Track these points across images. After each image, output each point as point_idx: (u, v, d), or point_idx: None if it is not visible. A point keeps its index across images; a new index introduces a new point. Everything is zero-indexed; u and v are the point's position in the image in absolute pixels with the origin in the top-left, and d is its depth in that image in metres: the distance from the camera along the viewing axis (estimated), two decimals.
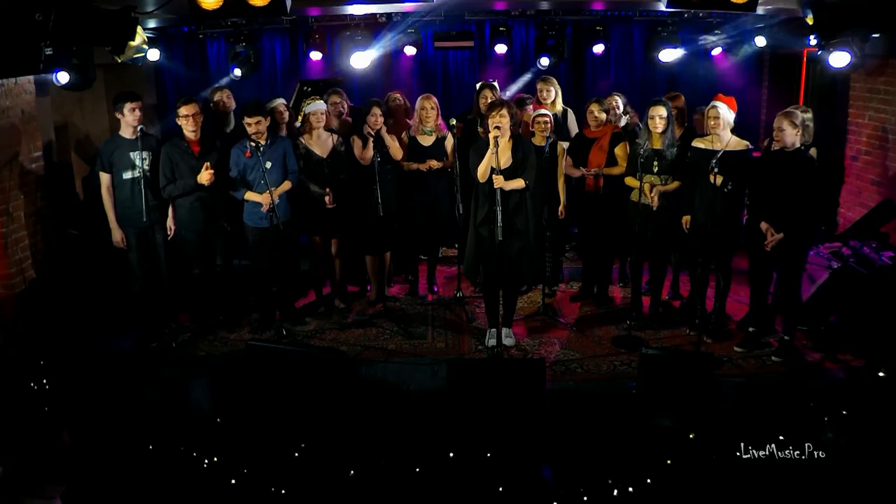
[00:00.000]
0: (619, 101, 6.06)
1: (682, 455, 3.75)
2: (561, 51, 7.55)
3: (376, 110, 5.60)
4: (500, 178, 4.72)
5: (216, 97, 6.08)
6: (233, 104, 6.20)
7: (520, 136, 5.06)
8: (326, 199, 5.55)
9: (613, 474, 3.62)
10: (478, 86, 6.34)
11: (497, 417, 4.06)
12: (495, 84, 6.25)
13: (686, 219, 5.20)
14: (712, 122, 4.98)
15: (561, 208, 5.79)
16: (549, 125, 5.63)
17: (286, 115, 5.88)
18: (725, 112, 4.97)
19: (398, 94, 6.40)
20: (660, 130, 5.17)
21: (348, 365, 4.95)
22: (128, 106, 5.11)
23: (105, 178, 5.17)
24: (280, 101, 5.95)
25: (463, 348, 5.38)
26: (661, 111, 5.14)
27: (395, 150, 5.73)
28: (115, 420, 4.10)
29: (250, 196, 5.23)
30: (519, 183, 4.84)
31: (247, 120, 5.14)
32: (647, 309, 5.63)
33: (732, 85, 8.17)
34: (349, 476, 3.71)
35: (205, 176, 5.08)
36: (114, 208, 5.20)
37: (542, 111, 5.71)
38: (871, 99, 6.22)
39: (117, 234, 5.22)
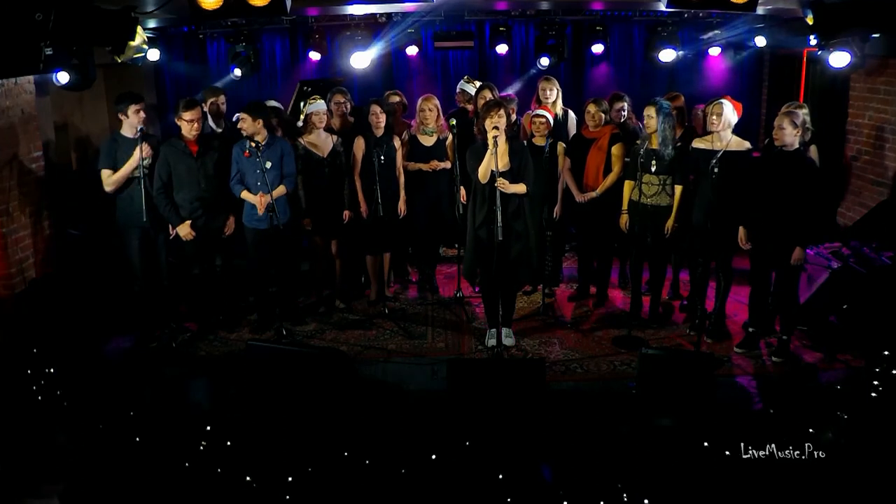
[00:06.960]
0: (623, 105, 5.94)
1: (682, 455, 3.74)
2: (561, 51, 7.57)
3: (376, 108, 5.62)
4: (504, 181, 4.72)
5: (210, 100, 5.97)
6: (225, 108, 6.18)
7: (516, 140, 5.06)
8: (305, 221, 5.60)
9: (613, 474, 3.62)
10: (460, 87, 6.42)
11: (497, 417, 4.06)
12: (472, 83, 6.36)
13: (670, 223, 5.19)
14: (714, 119, 4.95)
15: (557, 209, 5.82)
16: (546, 125, 5.60)
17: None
18: (729, 112, 4.95)
19: (395, 94, 6.40)
20: (650, 131, 5.18)
21: (348, 365, 4.94)
22: (132, 108, 5.10)
23: (107, 173, 5.12)
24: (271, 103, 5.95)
25: (463, 348, 5.38)
26: (650, 111, 5.15)
27: (399, 157, 5.76)
28: (114, 420, 4.10)
29: (246, 196, 5.24)
30: (520, 188, 4.85)
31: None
32: (647, 309, 5.63)
33: (732, 85, 8.17)
34: (349, 476, 3.71)
35: (184, 230, 5.20)
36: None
37: (539, 111, 5.67)
38: (871, 99, 6.21)
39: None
